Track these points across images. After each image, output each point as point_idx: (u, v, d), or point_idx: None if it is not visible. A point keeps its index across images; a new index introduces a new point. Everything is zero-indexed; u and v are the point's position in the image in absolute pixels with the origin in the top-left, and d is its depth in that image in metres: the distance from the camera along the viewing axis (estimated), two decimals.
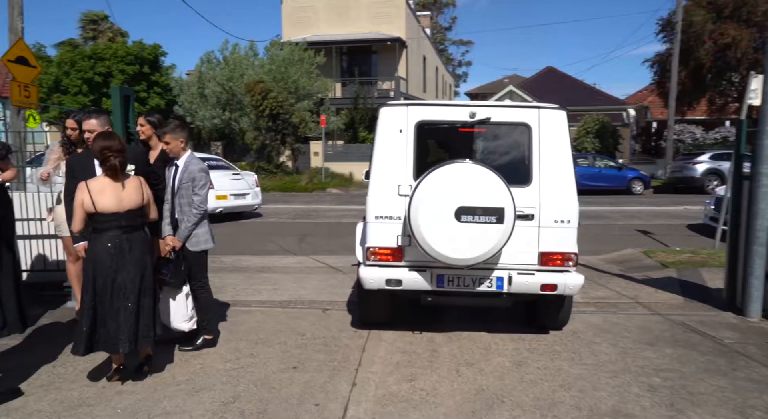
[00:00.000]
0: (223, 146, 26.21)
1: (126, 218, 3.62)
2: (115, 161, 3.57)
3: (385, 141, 4.43)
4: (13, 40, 8.87)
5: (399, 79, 27.37)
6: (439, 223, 3.98)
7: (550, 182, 4.33)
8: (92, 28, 29.57)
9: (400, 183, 4.35)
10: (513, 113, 4.45)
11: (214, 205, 11.94)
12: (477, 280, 4.38)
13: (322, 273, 7.49)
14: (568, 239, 4.33)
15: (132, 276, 3.59)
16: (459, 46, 62.93)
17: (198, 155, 16.50)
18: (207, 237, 4.30)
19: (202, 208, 4.17)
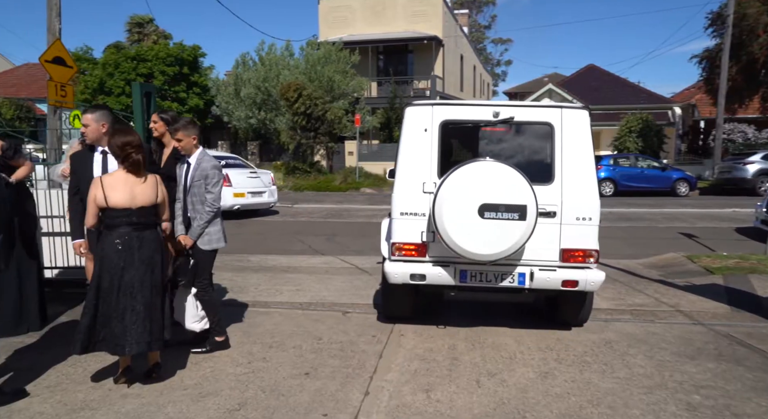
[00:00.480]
0: (259, 146, 26.47)
1: (138, 215, 3.54)
2: (137, 156, 3.54)
3: (411, 140, 4.53)
4: (51, 41, 9.05)
5: (435, 78, 27.04)
6: (463, 219, 4.06)
7: (572, 180, 4.39)
8: (138, 31, 30.28)
9: (425, 181, 4.45)
10: (536, 113, 4.51)
11: (231, 202, 12.26)
12: (499, 276, 4.44)
13: (348, 274, 7.34)
14: (589, 236, 4.40)
15: (141, 275, 3.50)
16: (498, 44, 62.10)
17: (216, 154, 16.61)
18: (219, 236, 4.18)
19: (215, 206, 4.06)
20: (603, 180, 19.44)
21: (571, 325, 5.00)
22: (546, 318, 5.20)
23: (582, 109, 4.53)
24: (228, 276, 6.99)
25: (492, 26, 62.49)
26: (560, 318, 5.02)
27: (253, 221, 12.74)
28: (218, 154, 14.44)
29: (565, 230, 4.38)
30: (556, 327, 5.04)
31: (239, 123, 24.07)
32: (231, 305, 5.58)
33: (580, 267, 4.41)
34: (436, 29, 27.80)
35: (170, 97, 25.79)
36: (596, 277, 4.37)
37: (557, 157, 4.42)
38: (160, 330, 3.58)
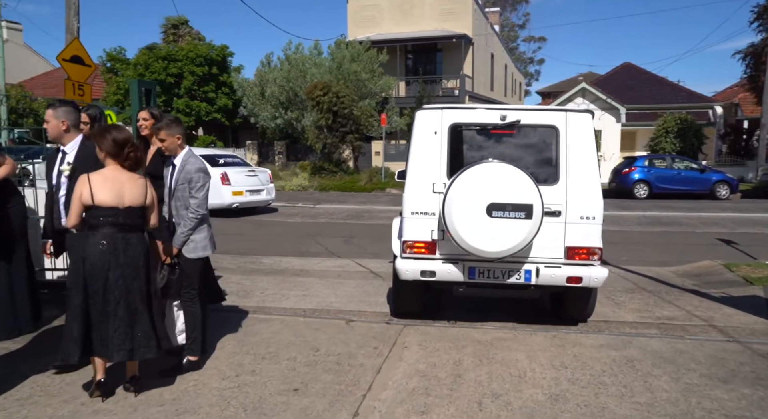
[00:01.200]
0: (286, 146, 26.45)
1: (124, 216, 3.35)
2: (138, 154, 3.45)
3: (421, 142, 4.71)
4: (69, 40, 9.05)
5: (464, 78, 26.57)
6: (471, 218, 4.24)
7: (576, 180, 4.56)
8: (173, 33, 30.64)
9: (435, 181, 4.63)
10: (541, 116, 4.69)
11: (230, 200, 12.53)
12: (507, 272, 4.62)
13: (360, 279, 7.06)
14: (593, 234, 4.57)
15: (125, 279, 3.30)
16: (531, 43, 61.03)
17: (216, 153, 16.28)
18: (205, 243, 3.88)
19: (199, 212, 3.76)
20: (637, 182, 18.72)
21: (577, 321, 5.17)
22: (552, 314, 5.35)
23: (585, 112, 4.70)
24: (236, 279, 6.81)
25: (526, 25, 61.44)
26: (566, 314, 5.17)
27: (272, 222, 12.59)
28: (216, 152, 14.58)
29: (570, 228, 4.55)
30: (574, 341, 4.66)
31: (265, 123, 24.07)
32: (231, 312, 5.36)
33: (584, 264, 4.58)
34: (466, 28, 27.31)
35: (199, 97, 26.00)
36: (600, 274, 4.55)
37: (562, 158, 4.60)
38: (153, 337, 3.36)
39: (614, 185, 19.57)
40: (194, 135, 27.91)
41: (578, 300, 4.97)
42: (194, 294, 3.87)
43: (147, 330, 3.36)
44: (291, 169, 24.18)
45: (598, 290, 4.93)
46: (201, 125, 27.89)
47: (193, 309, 3.86)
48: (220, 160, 13.39)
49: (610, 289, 6.54)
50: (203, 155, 13.40)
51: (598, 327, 5.12)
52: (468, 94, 26.65)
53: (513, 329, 5.03)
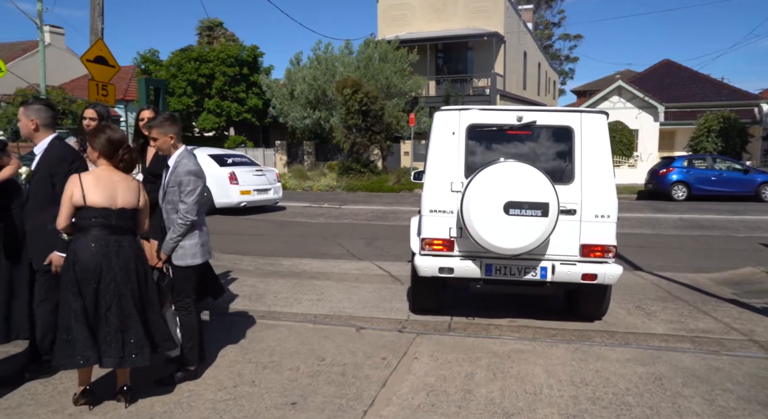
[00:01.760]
0: (315, 146, 26.44)
1: (117, 217, 3.23)
2: (133, 155, 3.35)
3: (440, 142, 4.82)
4: (94, 40, 9.11)
5: (495, 76, 26.05)
6: (489, 216, 4.33)
7: (591, 180, 4.64)
8: (208, 35, 31.02)
9: (453, 180, 4.72)
10: (557, 117, 4.77)
11: (238, 199, 12.92)
12: (523, 269, 4.70)
13: (378, 282, 6.85)
14: (607, 232, 4.64)
15: (117, 283, 3.17)
16: (566, 40, 59.72)
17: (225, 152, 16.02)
18: (195, 251, 3.64)
19: (187, 218, 3.53)
20: (675, 183, 17.97)
21: (592, 319, 5.23)
22: (567, 312, 5.39)
23: (600, 113, 4.77)
24: (251, 282, 6.68)
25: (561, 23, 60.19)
26: (581, 311, 5.24)
27: (295, 223, 12.50)
28: (225, 152, 14.75)
29: (585, 226, 4.62)
30: (597, 355, 4.34)
31: (294, 123, 24.09)
32: (239, 317, 5.22)
33: (598, 262, 4.65)
34: (498, 26, 26.79)
35: (230, 97, 26.21)
36: (614, 271, 4.62)
37: (577, 158, 4.67)
38: (138, 346, 3.22)
39: (651, 186, 18.85)
40: (225, 135, 28.20)
41: (593, 298, 5.05)
42: (188, 303, 3.70)
43: (140, 337, 3.22)
44: (319, 169, 24.14)
45: (628, 299, 5.08)
46: (232, 125, 28.14)
47: (188, 319, 3.69)
48: (229, 159, 13.66)
49: (640, 297, 6.17)
50: (211, 155, 13.60)
51: (624, 339, 4.79)
52: (499, 93, 26.13)
53: (532, 340, 4.74)
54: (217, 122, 25.84)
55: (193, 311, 3.71)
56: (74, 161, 3.64)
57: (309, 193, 20.38)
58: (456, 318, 5.30)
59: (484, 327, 5.10)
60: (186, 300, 3.68)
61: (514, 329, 5.03)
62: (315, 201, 17.16)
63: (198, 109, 26.14)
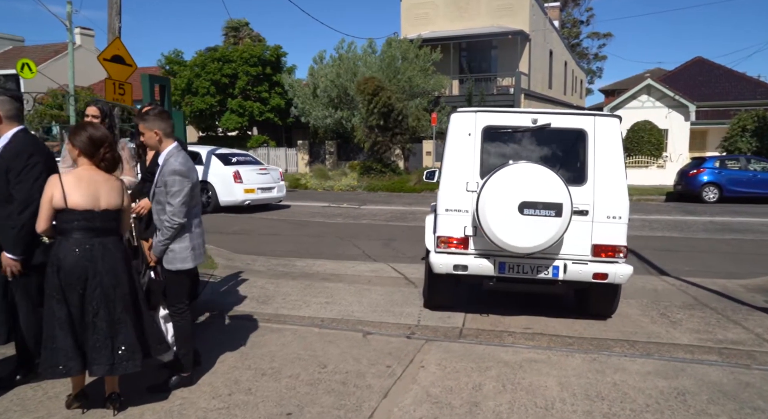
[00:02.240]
0: (337, 145, 26.36)
1: (101, 219, 3.10)
2: (115, 154, 3.18)
3: (456, 143, 4.93)
4: (111, 39, 9.11)
5: (520, 75, 25.60)
6: (504, 215, 4.43)
7: (604, 181, 4.73)
8: (233, 35, 31.22)
9: (468, 180, 4.83)
10: (571, 120, 4.87)
11: (242, 197, 13.21)
12: (535, 268, 4.79)
13: (391, 285, 6.67)
14: (618, 233, 4.73)
15: (104, 288, 3.05)
16: (595, 39, 58.62)
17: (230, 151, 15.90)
18: (186, 255, 3.46)
19: (174, 221, 3.36)
20: (705, 185, 17.36)
21: (602, 317, 5.32)
22: (577, 311, 5.46)
23: (613, 116, 4.85)
24: (261, 284, 6.56)
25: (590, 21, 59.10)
26: (591, 310, 5.32)
27: (312, 223, 12.38)
28: (230, 151, 14.87)
29: (597, 227, 4.73)
30: (616, 366, 4.09)
31: (316, 122, 24.03)
32: (243, 320, 5.09)
33: (609, 261, 4.74)
34: (523, 24, 26.34)
35: (253, 97, 26.31)
36: (625, 271, 4.72)
37: (590, 160, 4.76)
38: (129, 352, 3.10)
39: (680, 187, 18.26)
40: (248, 135, 28.33)
41: (604, 296, 5.13)
42: (182, 308, 3.56)
43: (131, 342, 3.10)
44: (341, 169, 24.05)
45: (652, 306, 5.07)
46: (255, 125, 28.27)
47: (182, 324, 3.55)
48: (233, 158, 13.84)
49: (665, 304, 5.87)
50: (216, 154, 13.75)
51: (646, 350, 4.51)
52: (524, 92, 25.68)
53: (547, 349, 4.50)
54: (240, 121, 25.96)
55: (188, 316, 3.58)
56: (32, 155, 3.37)
57: (330, 193, 20.29)
58: (468, 325, 5.09)
59: (497, 334, 4.88)
60: (179, 305, 3.54)
61: (528, 337, 4.80)
62: (335, 201, 17.05)
63: (221, 108, 26.30)
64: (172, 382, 3.51)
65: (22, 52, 37.92)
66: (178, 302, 3.54)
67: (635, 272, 7.74)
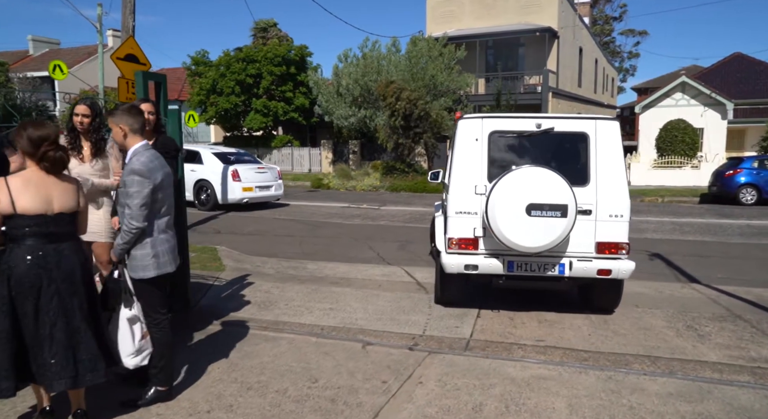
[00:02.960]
0: (361, 145, 26.16)
1: (55, 224, 2.88)
2: (57, 153, 2.90)
3: (463, 148, 5.11)
4: (125, 38, 9.06)
5: (548, 73, 24.96)
6: (512, 217, 4.63)
7: (606, 182, 4.95)
8: (262, 36, 31.31)
9: (477, 184, 5.03)
10: (573, 124, 5.06)
11: (240, 195, 13.45)
12: (542, 266, 5.01)
13: (401, 290, 6.39)
14: (621, 231, 4.94)
15: (61, 297, 2.85)
16: (629, 36, 57.17)
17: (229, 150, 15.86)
18: (147, 263, 3.21)
19: (132, 225, 3.11)
20: (742, 186, 16.56)
21: (606, 311, 5.48)
22: (581, 305, 5.61)
23: (613, 120, 5.09)
24: (267, 287, 6.36)
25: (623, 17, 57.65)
26: (596, 304, 5.48)
27: (329, 224, 12.17)
28: (229, 150, 15.16)
29: (600, 225, 4.94)
30: (633, 386, 3.73)
31: (339, 121, 23.85)
32: (239, 326, 4.88)
33: (613, 258, 4.95)
34: (551, 20, 25.70)
35: (277, 96, 26.30)
36: (627, 266, 4.92)
37: (592, 162, 4.98)
38: (92, 363, 2.90)
39: (715, 188, 17.46)
40: (273, 134, 28.36)
41: (607, 291, 5.33)
42: (158, 319, 3.33)
43: (93, 352, 2.90)
44: (364, 168, 23.84)
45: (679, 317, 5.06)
46: (280, 125, 28.28)
47: (159, 336, 3.33)
48: (232, 157, 14.13)
49: (694, 315, 5.45)
50: (215, 153, 14.03)
51: (669, 367, 4.14)
52: (551, 90, 25.04)
53: (559, 364, 4.17)
54: (264, 121, 25.98)
55: (165, 328, 3.35)
56: None
57: (352, 193, 20.09)
58: (476, 336, 4.79)
59: (506, 346, 4.56)
60: (154, 316, 3.32)
61: (539, 350, 4.47)
62: (355, 201, 16.83)
63: (246, 108, 26.37)
64: (148, 397, 3.30)
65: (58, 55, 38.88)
66: (152, 313, 3.31)
67: (661, 279, 7.34)
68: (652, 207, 15.80)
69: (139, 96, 4.57)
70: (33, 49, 43.05)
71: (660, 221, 12.82)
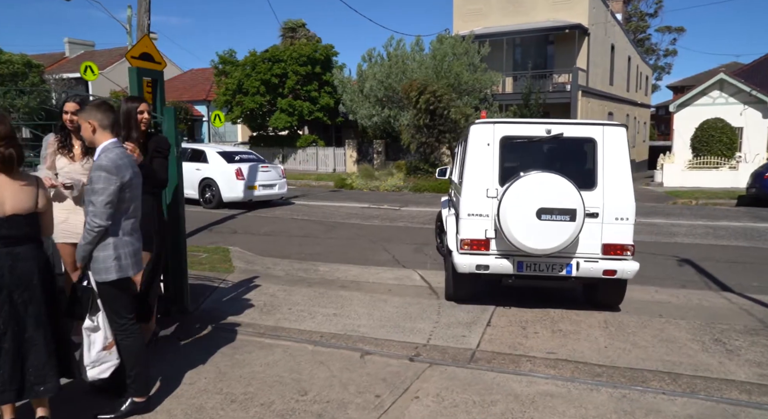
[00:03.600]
0: (385, 145, 25.95)
1: (8, 226, 2.73)
2: (8, 150, 2.73)
3: (476, 153, 5.26)
4: (140, 37, 9.03)
5: (577, 71, 24.28)
6: (524, 221, 4.82)
7: (612, 186, 5.10)
8: (290, 36, 31.43)
9: (488, 187, 5.18)
10: (582, 130, 5.21)
11: (244, 194, 13.66)
12: (551, 266, 5.18)
13: (412, 296, 6.15)
14: (626, 233, 5.09)
15: (13, 304, 2.71)
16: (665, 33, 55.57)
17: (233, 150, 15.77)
18: (108, 265, 3.03)
19: (95, 223, 2.94)
20: None
21: (610, 308, 5.60)
22: (586, 301, 5.77)
23: (620, 126, 5.24)
24: (272, 291, 6.19)
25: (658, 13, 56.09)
26: (601, 301, 5.63)
27: (346, 225, 11.99)
28: (233, 150, 15.44)
29: (606, 228, 5.09)
30: (649, 407, 3.41)
31: (363, 121, 23.67)
32: (234, 333, 4.71)
33: (618, 259, 5.11)
34: (581, 17, 25.00)
35: (303, 96, 26.29)
36: (632, 267, 5.09)
37: (599, 167, 5.12)
38: (40, 374, 2.75)
39: (753, 190, 16.65)
40: (298, 134, 28.39)
41: (612, 290, 5.49)
42: (124, 325, 3.16)
43: (41, 363, 2.75)
44: (388, 168, 23.61)
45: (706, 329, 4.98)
46: (306, 124, 28.29)
47: (127, 343, 3.16)
48: (236, 156, 14.38)
49: (723, 327, 5.07)
50: (220, 152, 14.23)
51: (691, 386, 3.80)
52: (581, 89, 24.36)
53: (570, 380, 3.87)
54: (289, 121, 25.99)
55: (133, 333, 3.18)
56: None
57: (375, 193, 19.89)
58: (483, 346, 4.52)
59: (514, 358, 4.27)
60: (120, 321, 3.14)
61: (550, 364, 4.17)
62: (376, 202, 16.63)
63: (271, 108, 26.44)
64: (123, 410, 3.14)
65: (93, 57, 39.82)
66: (117, 318, 3.14)
67: (690, 286, 6.92)
68: (685, 210, 15.16)
69: (132, 93, 4.43)
70: (69, 51, 44.20)
71: (692, 224, 12.25)
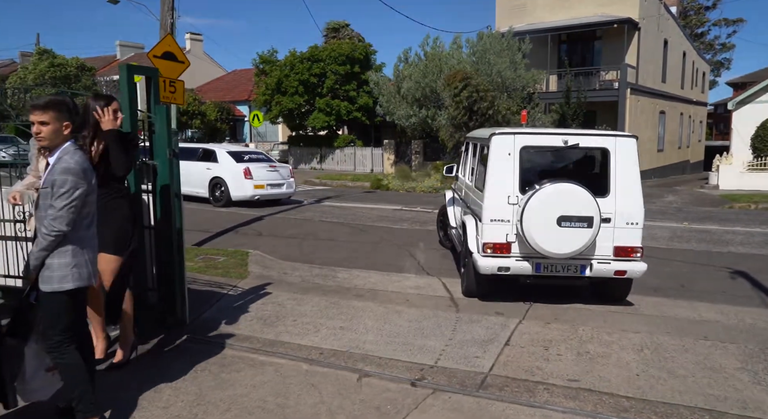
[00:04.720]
0: (423, 145, 25.46)
1: None
2: None
3: (498, 162, 5.60)
4: (163, 36, 8.93)
5: (626, 68, 23.12)
6: (544, 227, 5.20)
7: (623, 192, 5.50)
8: (333, 36, 31.42)
9: (509, 194, 5.52)
10: (596, 140, 5.62)
11: (252, 193, 13.89)
12: (566, 267, 5.56)
13: (429, 307, 5.74)
14: (636, 236, 5.51)
15: None
16: (722, 26, 52.80)
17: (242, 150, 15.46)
18: (65, 273, 2.80)
19: (53, 227, 2.73)
20: None
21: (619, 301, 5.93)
22: (594, 295, 6.09)
23: (631, 137, 5.63)
24: (282, 299, 5.89)
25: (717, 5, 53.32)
26: (611, 296, 5.98)
27: (374, 228, 11.62)
28: (242, 149, 15.72)
29: (618, 232, 5.49)
30: None
31: (400, 121, 23.25)
32: (226, 348, 4.40)
33: (628, 260, 5.52)
34: (631, 11, 23.80)
35: (341, 96, 26.12)
36: (640, 267, 5.51)
37: (612, 175, 5.53)
38: None
39: None
40: (337, 134, 28.25)
41: (620, 287, 5.91)
42: (60, 341, 2.83)
43: None
44: (425, 169, 23.13)
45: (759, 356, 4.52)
46: (344, 124, 28.11)
47: (64, 361, 2.85)
48: (245, 156, 14.64)
49: (753, 349, 4.44)
50: (229, 152, 14.46)
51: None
52: (630, 86, 23.19)
53: (590, 415, 3.39)
54: (327, 120, 25.86)
55: (69, 351, 2.86)
56: None
57: (410, 195, 19.46)
58: (496, 370, 4.06)
59: (530, 386, 3.80)
60: (56, 338, 2.83)
61: (570, 394, 3.68)
62: (409, 204, 16.21)
63: (310, 108, 26.38)
64: None
65: (142, 59, 40.86)
66: (54, 334, 2.83)
67: (743, 304, 6.23)
68: (742, 215, 14.09)
69: (123, 92, 4.18)
70: (120, 53, 45.63)
71: (749, 231, 11.30)
